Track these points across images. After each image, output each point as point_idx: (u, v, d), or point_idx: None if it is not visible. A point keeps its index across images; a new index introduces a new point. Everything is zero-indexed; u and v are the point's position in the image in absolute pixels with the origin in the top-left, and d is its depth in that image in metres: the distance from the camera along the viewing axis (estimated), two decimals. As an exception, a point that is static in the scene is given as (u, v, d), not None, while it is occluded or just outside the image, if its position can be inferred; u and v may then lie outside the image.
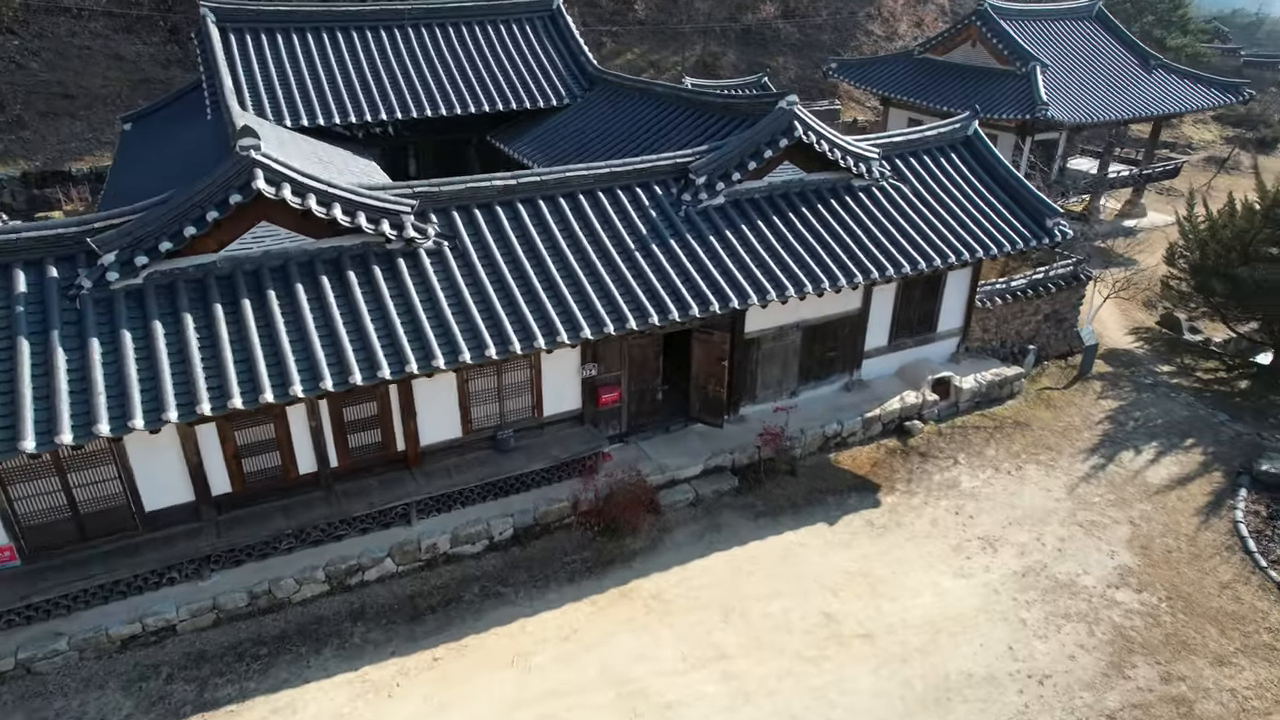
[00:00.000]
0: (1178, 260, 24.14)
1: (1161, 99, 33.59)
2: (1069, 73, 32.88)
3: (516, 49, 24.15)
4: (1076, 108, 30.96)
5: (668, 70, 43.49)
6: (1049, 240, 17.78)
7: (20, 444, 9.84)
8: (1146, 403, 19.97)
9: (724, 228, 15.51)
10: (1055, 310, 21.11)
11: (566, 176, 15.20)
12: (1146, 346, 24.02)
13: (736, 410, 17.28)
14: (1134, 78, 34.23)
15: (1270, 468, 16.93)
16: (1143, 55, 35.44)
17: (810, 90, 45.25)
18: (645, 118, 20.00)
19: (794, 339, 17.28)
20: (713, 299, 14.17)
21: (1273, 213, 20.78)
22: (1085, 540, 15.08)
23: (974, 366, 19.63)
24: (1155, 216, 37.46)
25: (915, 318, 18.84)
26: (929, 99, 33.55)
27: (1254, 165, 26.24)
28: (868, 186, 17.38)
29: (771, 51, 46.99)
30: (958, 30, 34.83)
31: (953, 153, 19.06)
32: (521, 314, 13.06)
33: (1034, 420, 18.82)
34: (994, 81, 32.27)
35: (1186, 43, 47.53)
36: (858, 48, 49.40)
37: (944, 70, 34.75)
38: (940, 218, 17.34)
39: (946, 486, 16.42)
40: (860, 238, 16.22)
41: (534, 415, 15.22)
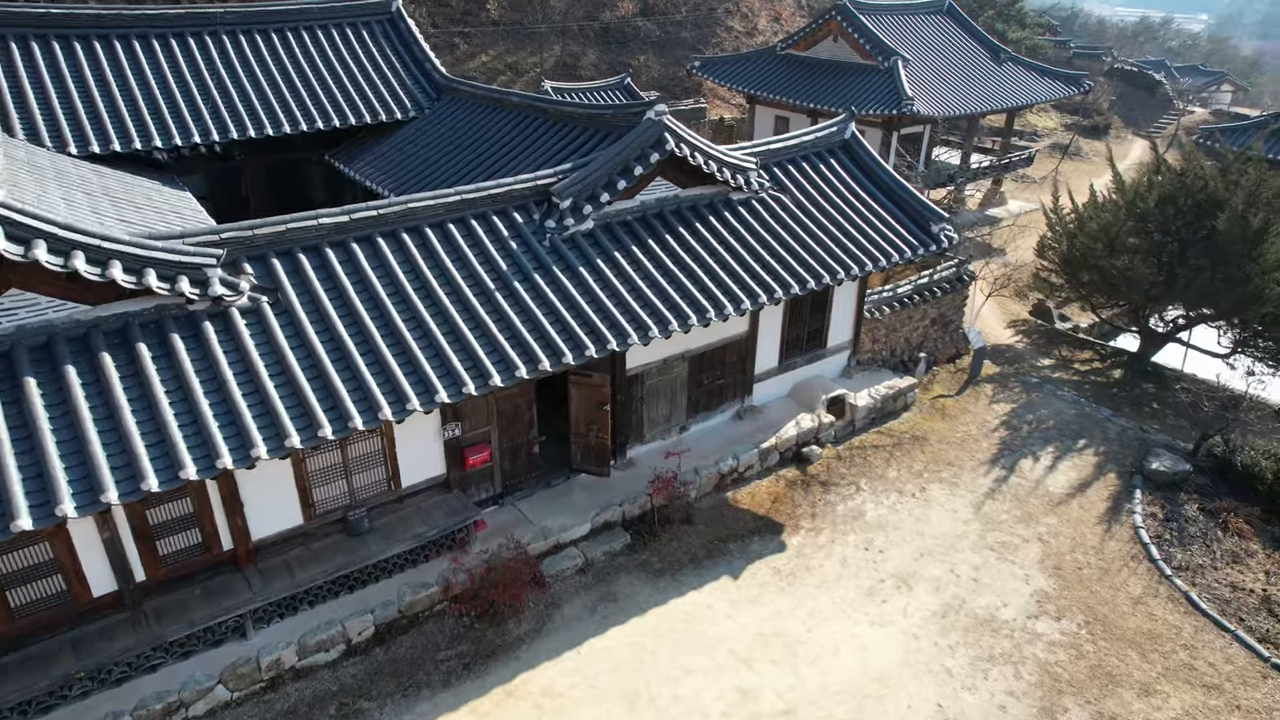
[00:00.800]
0: (1047, 253, 24.27)
1: (1015, 91, 34.31)
2: (928, 67, 33.03)
3: (352, 56, 21.60)
4: (939, 101, 31.05)
5: (526, 72, 41.43)
6: (936, 247, 17.03)
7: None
8: (1036, 404, 19.69)
9: (596, 257, 13.82)
10: (941, 314, 20.59)
11: (411, 208, 13.10)
12: (1025, 340, 24.04)
13: (623, 455, 15.65)
14: (987, 71, 34.83)
15: (1159, 466, 16.77)
16: (993, 49, 36.16)
17: (674, 89, 44.23)
18: (500, 132, 18.03)
19: (680, 371, 15.81)
20: (589, 342, 12.45)
21: (1134, 207, 20.94)
22: (999, 566, 14.30)
23: (867, 380, 18.76)
24: (1015, 204, 38.44)
25: (805, 335, 17.76)
26: (795, 96, 32.99)
27: (1109, 156, 26.80)
28: (748, 200, 16.08)
29: (633, 50, 45.66)
30: (819, 25, 34.46)
31: (831, 158, 18.07)
32: (363, 380, 10.94)
33: (931, 433, 18.10)
34: (858, 77, 31.99)
35: (1025, 36, 49.47)
36: (719, 44, 48.78)
37: (808, 66, 34.30)
38: (826, 230, 16.26)
39: (852, 518, 15.35)
40: (745, 258, 14.89)
41: (390, 488, 13.07)
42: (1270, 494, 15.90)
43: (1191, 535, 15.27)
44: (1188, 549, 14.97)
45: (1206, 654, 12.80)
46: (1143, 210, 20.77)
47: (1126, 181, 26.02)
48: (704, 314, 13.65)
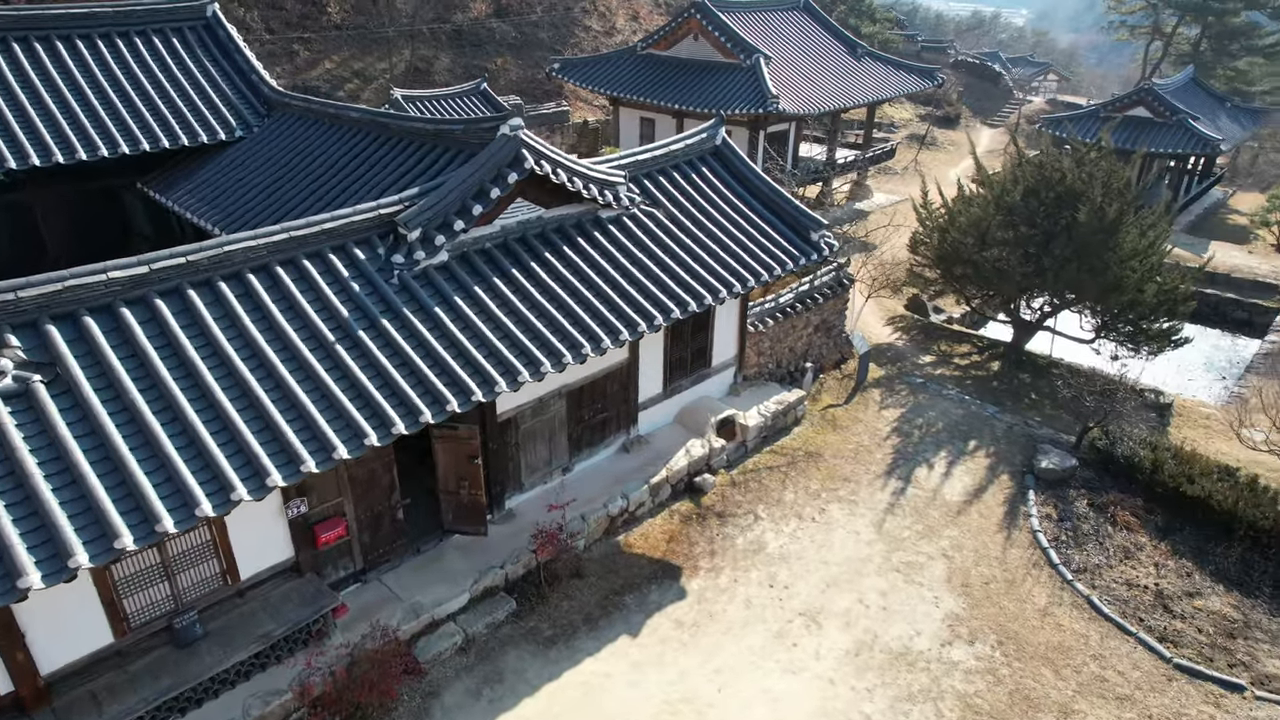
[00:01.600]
0: (919, 248, 24.30)
1: (874, 85, 34.66)
2: (789, 64, 32.85)
3: (161, 68, 18.96)
4: (803, 98, 30.85)
5: (375, 80, 38.84)
6: (818, 255, 16.33)
7: None
8: (924, 405, 19.43)
9: (453, 293, 12.23)
10: (824, 320, 20.05)
11: (227, 252, 11.13)
12: (905, 337, 23.98)
13: (501, 507, 14.13)
14: (847, 66, 35.05)
15: (1048, 464, 16.71)
16: (850, 44, 36.48)
17: (535, 91, 42.63)
18: (339, 153, 16.06)
19: (558, 409, 14.42)
20: (450, 396, 10.88)
21: (1001, 201, 21.07)
22: (907, 590, 13.68)
23: (755, 396, 17.94)
24: (881, 197, 39.06)
25: (689, 356, 16.72)
26: (660, 97, 32.11)
27: (972, 150, 27.19)
28: (618, 217, 14.85)
29: (488, 53, 43.71)
30: (678, 24, 33.67)
31: (703, 165, 17.10)
32: (174, 469, 8.99)
33: (825, 448, 17.45)
34: (721, 76, 31.41)
35: (876, 30, 50.67)
36: (578, 45, 47.48)
37: (670, 66, 33.48)
38: (705, 245, 15.23)
39: (752, 552, 14.41)
40: (620, 283, 13.65)
41: (226, 582, 11.08)
42: (1150, 484, 16.05)
43: (1085, 533, 15.18)
44: (1083, 549, 14.84)
45: (1115, 662, 12.55)
46: (1009, 204, 20.91)
47: (986, 168, 26.52)
48: (579, 350, 12.32)
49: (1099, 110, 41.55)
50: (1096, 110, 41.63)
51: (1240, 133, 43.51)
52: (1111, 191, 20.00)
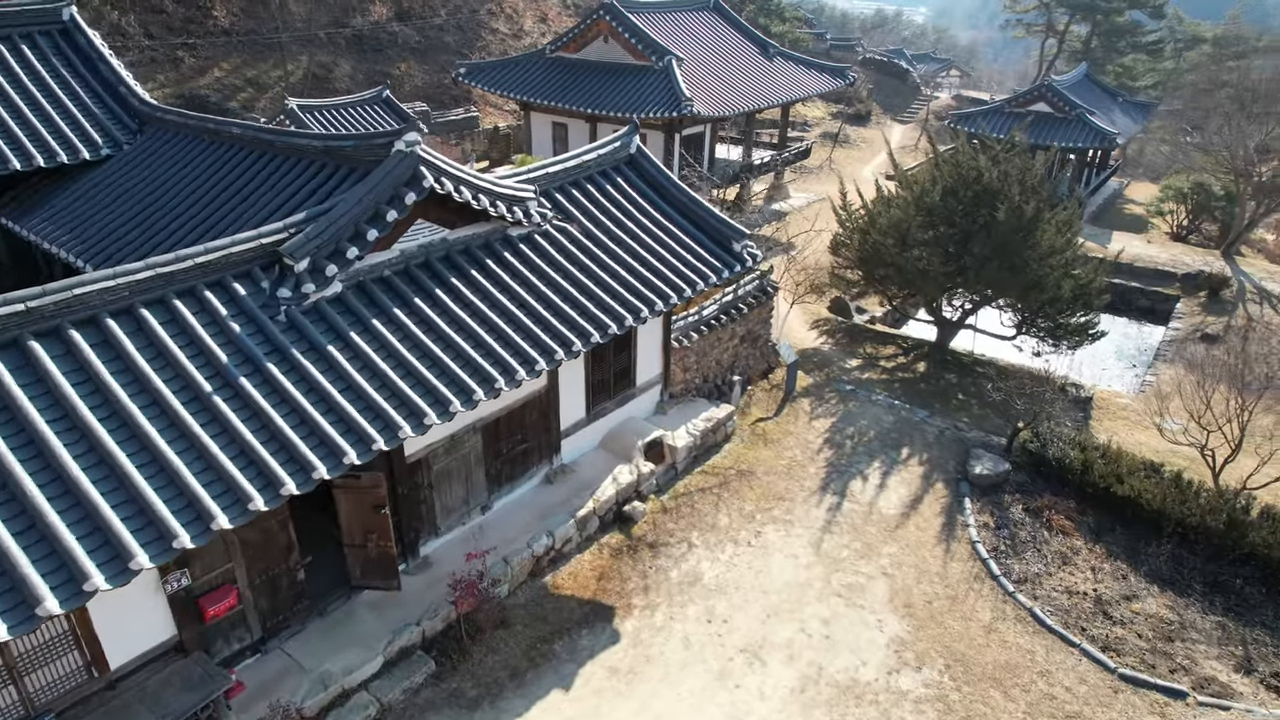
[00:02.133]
0: (841, 250, 24.05)
1: (787, 85, 34.47)
2: (702, 65, 32.34)
3: (10, 80, 17.04)
4: (717, 100, 30.36)
5: (270, 89, 36.76)
6: (740, 267, 15.69)
7: None
8: (854, 413, 19.04)
9: (348, 328, 11.07)
10: (750, 330, 19.48)
11: (81, 294, 9.72)
12: (830, 340, 23.67)
13: (415, 555, 13.00)
14: (759, 66, 34.78)
15: (981, 470, 16.49)
16: (761, 44, 36.24)
17: (442, 97, 41.17)
18: (219, 174, 14.60)
19: (474, 444, 13.36)
20: (346, 446, 9.75)
21: (922, 201, 20.90)
22: (850, 615, 13.13)
23: (683, 415, 17.21)
24: (798, 197, 38.99)
25: (612, 378, 15.87)
26: (571, 101, 31.17)
27: (888, 146, 27.16)
28: (530, 235, 13.88)
29: (391, 58, 41.98)
30: (587, 26, 32.79)
31: (618, 176, 16.25)
32: (7, 558, 7.65)
33: (757, 465, 16.84)
34: (633, 79, 30.67)
35: (786, 29, 50.84)
36: (485, 48, 46.12)
37: (581, 69, 32.57)
38: (623, 262, 14.39)
39: (688, 584, 13.65)
40: (534, 307, 12.69)
41: (93, 674, 9.68)
42: (1081, 484, 15.97)
43: (1023, 540, 14.95)
44: (1022, 557, 14.60)
45: (1061, 677, 12.24)
46: (929, 204, 20.76)
47: (900, 164, 26.52)
48: (492, 385, 11.32)
49: (1004, 106, 42.49)
50: (1001, 106, 42.56)
51: (1133, 126, 45.20)
52: (1027, 189, 20.03)
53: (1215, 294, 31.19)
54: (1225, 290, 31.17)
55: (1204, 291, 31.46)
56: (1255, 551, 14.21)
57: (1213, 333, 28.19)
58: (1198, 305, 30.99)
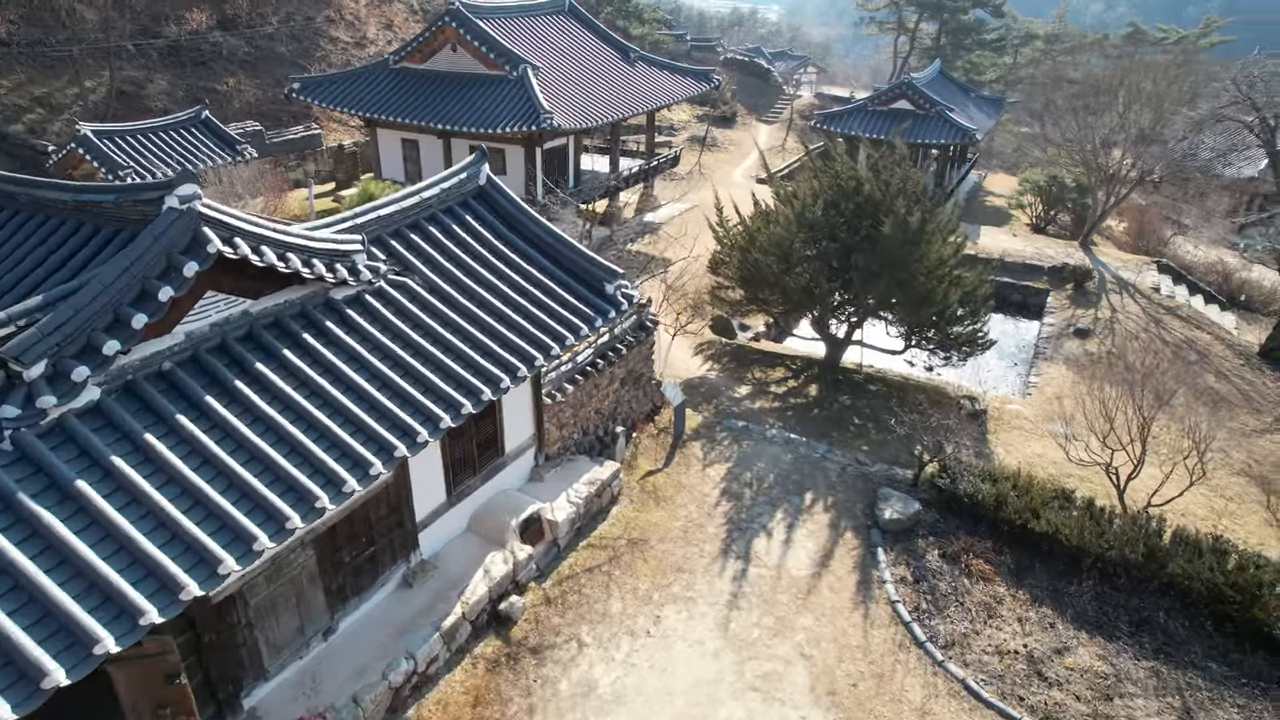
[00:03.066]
0: (720, 269, 22.54)
1: (651, 92, 32.83)
2: (560, 72, 30.22)
3: None
4: (579, 110, 28.33)
5: (66, 109, 32.08)
6: (616, 313, 13.72)
7: None
8: (749, 455, 17.44)
9: (107, 449, 8.36)
10: (631, 370, 17.56)
11: None
12: (716, 367, 22.12)
13: (236, 710, 10.31)
14: (621, 72, 32.97)
15: (891, 514, 15.18)
16: (621, 49, 34.47)
17: (279, 115, 37.36)
18: (-62, 236, 11.35)
19: (304, 561, 10.78)
20: (100, 633, 7.12)
21: (804, 217, 19.56)
22: (769, 714, 11.38)
23: (562, 479, 15.09)
24: (670, 206, 37.53)
25: (475, 450, 13.55)
26: (420, 116, 28.42)
27: (761, 157, 25.88)
28: (358, 296, 11.42)
29: (217, 72, 37.76)
30: (433, 33, 30.03)
31: (466, 213, 13.96)
32: None
33: (650, 531, 14.92)
34: (487, 90, 28.24)
35: (646, 31, 49.38)
36: (325, 58, 42.38)
37: (429, 81, 29.82)
38: (476, 319, 12.14)
39: (581, 696, 11.55)
40: (366, 389, 10.30)
41: None
42: (995, 521, 14.90)
43: (944, 594, 13.67)
44: (946, 614, 13.29)
45: (1005, 762, 10.91)
46: (811, 220, 19.43)
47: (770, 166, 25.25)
48: (312, 503, 8.87)
49: (867, 104, 42.50)
50: (865, 104, 42.56)
51: (988, 121, 46.29)
52: (911, 199, 19.03)
53: (1080, 286, 31.75)
54: (1089, 282, 31.78)
55: (1070, 284, 31.98)
56: (1174, 582, 13.44)
57: (1084, 327, 28.48)
58: (1066, 298, 31.43)
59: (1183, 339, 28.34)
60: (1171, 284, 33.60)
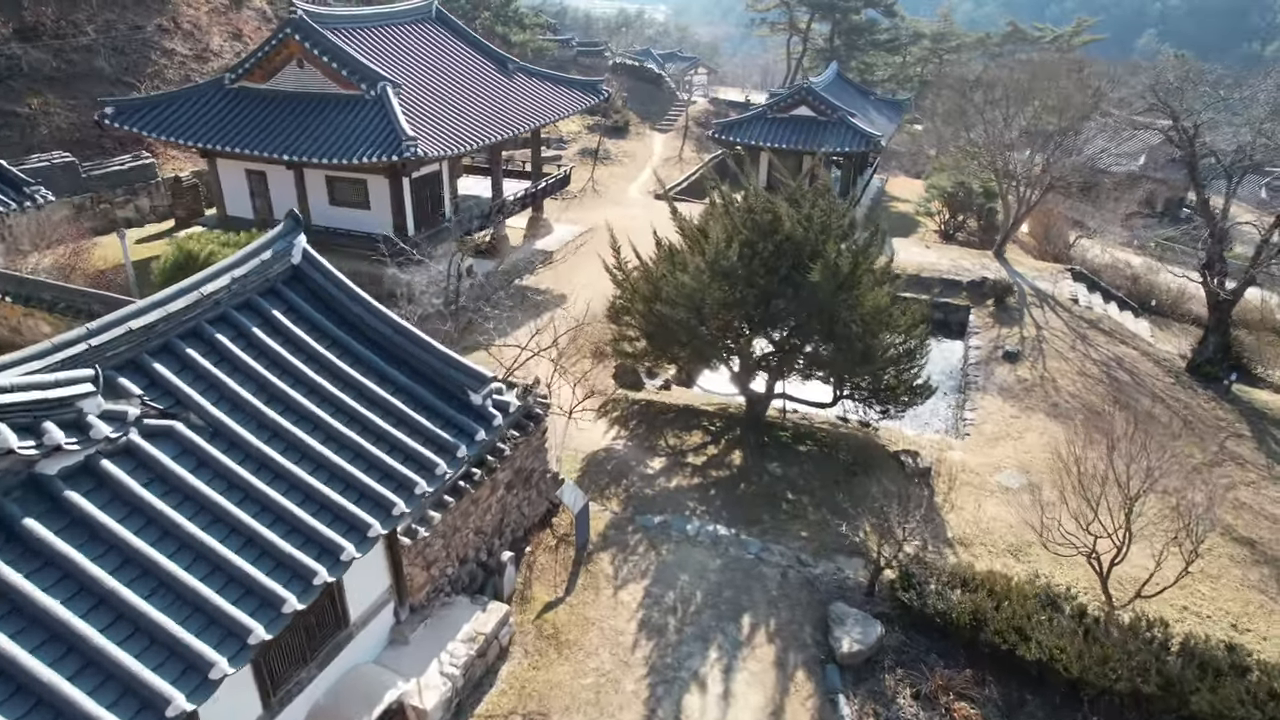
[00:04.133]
0: (623, 318, 19.38)
1: (533, 108, 29.33)
2: (427, 90, 26.43)
3: None
4: (449, 134, 24.64)
5: None
6: (487, 433, 10.30)
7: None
8: (670, 565, 14.29)
9: None
10: (520, 469, 14.12)
11: None
12: (623, 433, 18.97)
13: None
14: (498, 86, 29.38)
15: (849, 642, 12.30)
16: (498, 59, 30.85)
17: (103, 142, 32.19)
18: None
19: None
20: None
21: (718, 265, 16.54)
22: None
23: (433, 637, 11.56)
24: (562, 229, 34.20)
25: (305, 632, 9.89)
26: (263, 145, 24.18)
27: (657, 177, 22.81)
28: (93, 463, 7.65)
29: (18, 91, 32.07)
30: (274, 47, 25.74)
31: (274, 306, 10.26)
32: None
33: (551, 697, 11.54)
34: (341, 113, 24.24)
35: (528, 38, 45.73)
36: (159, 74, 37.03)
37: (272, 103, 25.52)
38: (281, 471, 8.52)
39: None
40: (108, 606, 6.59)
41: None
42: (972, 643, 12.23)
43: (925, 757, 10.86)
44: (931, 788, 10.47)
45: None
46: (726, 267, 16.45)
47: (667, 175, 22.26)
48: None
49: (765, 111, 40.18)
50: (764, 111, 40.23)
51: (889, 125, 44.74)
52: (836, 236, 16.32)
53: (1001, 302, 30.10)
54: (1010, 298, 30.17)
55: (991, 300, 30.32)
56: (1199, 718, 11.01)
57: (1012, 349, 26.69)
58: (989, 315, 29.72)
59: (1110, 356, 26.94)
60: (1086, 292, 32.48)
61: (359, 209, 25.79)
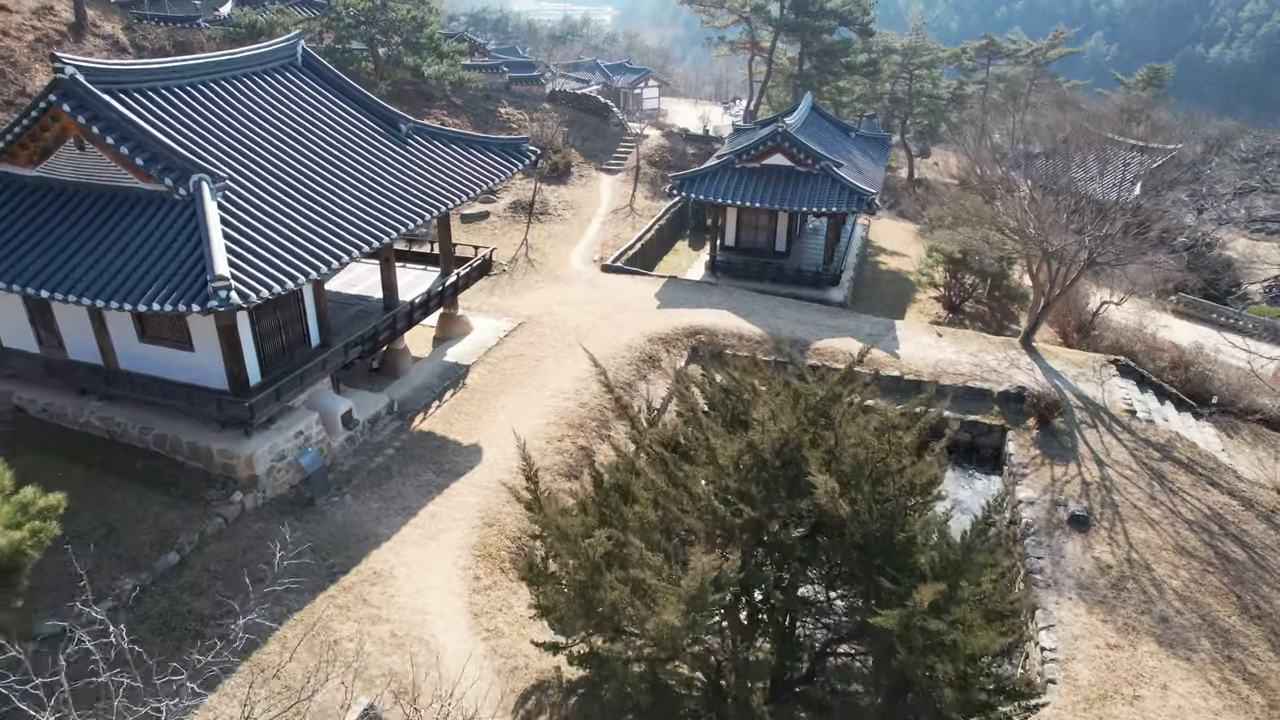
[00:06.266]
0: (544, 586, 12.08)
1: (436, 187, 21.71)
2: (275, 176, 18.73)
3: None
4: (303, 248, 17.01)
5: None
6: None
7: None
8: None
9: None
10: None
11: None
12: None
13: None
14: (386, 159, 21.78)
15: None
16: (389, 119, 23.20)
17: None
18: None
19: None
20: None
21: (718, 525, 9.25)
22: None
23: None
24: (484, 324, 26.78)
25: None
26: (15, 269, 16.32)
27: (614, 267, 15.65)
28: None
29: None
30: (35, 122, 17.74)
31: None
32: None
33: None
34: (138, 218, 16.73)
35: (446, 70, 37.73)
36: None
37: (45, 198, 17.63)
38: None
39: None
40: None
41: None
42: None
43: None
44: None
45: None
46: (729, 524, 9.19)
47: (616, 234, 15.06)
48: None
49: (733, 160, 33.17)
50: (731, 160, 33.21)
51: (877, 170, 38.04)
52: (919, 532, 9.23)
53: (1047, 423, 23.50)
54: (1057, 418, 23.56)
55: (1033, 419, 23.69)
56: None
57: (1079, 511, 19.98)
58: (1033, 443, 23.07)
59: (1204, 511, 20.44)
60: (1139, 391, 26.20)
61: (179, 348, 18.03)
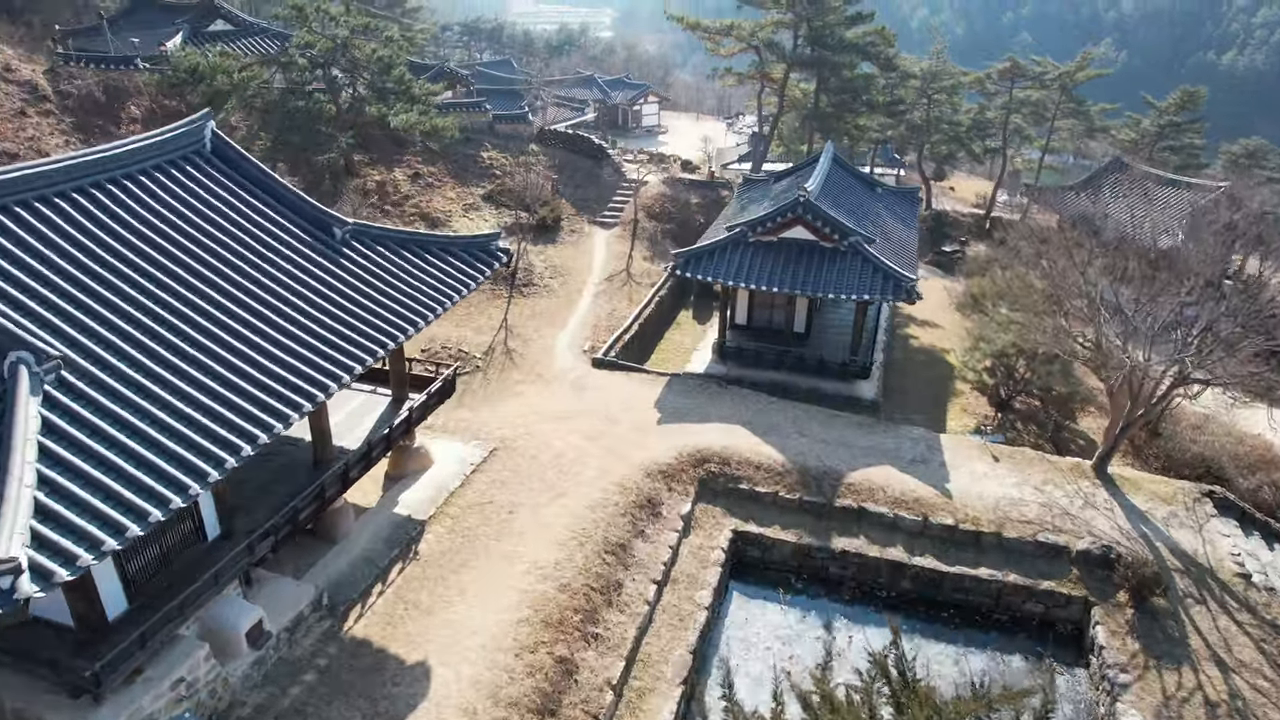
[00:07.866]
0: None
1: (379, 315, 16.92)
2: (162, 317, 14.00)
3: None
4: (181, 446, 12.29)
5: None
6: None
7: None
8: None
9: None
10: None
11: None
12: None
13: None
14: (314, 278, 17.05)
15: None
16: (319, 222, 18.45)
17: None
18: None
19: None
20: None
21: None
22: None
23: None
24: (448, 457, 22.02)
25: None
26: None
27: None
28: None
29: None
30: None
31: None
32: None
33: None
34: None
35: (417, 120, 32.80)
36: None
37: None
38: None
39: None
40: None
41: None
42: None
43: None
44: None
45: None
46: None
47: (612, 310, 10.84)
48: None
49: (746, 233, 28.53)
50: (743, 233, 28.58)
51: (911, 236, 33.24)
52: None
53: (1144, 600, 18.78)
54: (1157, 595, 18.82)
55: (1125, 593, 19.00)
56: None
57: (1209, 753, 15.25)
58: (1126, 629, 18.45)
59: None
60: (1241, 533, 21.59)
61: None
